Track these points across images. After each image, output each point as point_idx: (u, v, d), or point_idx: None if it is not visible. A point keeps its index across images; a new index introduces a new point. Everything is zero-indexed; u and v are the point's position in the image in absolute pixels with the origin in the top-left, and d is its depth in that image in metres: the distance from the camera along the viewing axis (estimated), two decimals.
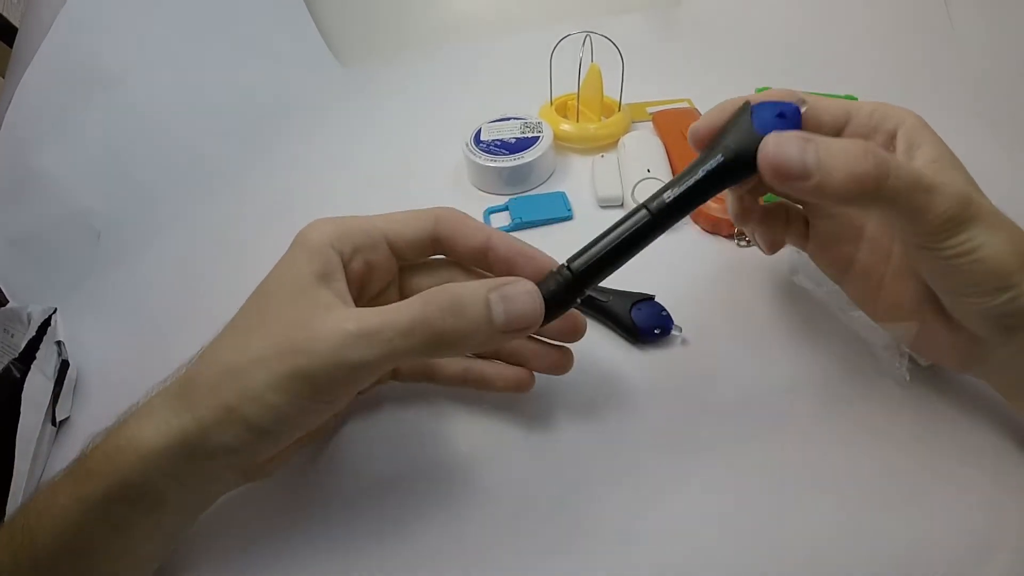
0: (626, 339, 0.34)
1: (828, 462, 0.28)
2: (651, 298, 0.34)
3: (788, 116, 0.24)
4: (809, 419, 0.30)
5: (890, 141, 0.26)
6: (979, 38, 0.56)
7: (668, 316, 0.33)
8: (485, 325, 0.23)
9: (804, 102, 0.26)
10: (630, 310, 0.33)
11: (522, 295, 0.23)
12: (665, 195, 0.25)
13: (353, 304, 0.24)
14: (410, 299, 0.23)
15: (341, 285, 0.25)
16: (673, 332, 0.33)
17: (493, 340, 0.23)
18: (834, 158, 0.22)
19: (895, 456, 0.28)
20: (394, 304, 0.23)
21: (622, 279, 0.35)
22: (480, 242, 0.27)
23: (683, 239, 0.40)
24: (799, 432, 0.29)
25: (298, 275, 0.24)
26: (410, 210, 0.27)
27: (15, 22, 0.67)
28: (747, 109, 0.25)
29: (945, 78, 0.54)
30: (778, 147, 0.23)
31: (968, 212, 0.23)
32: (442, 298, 0.23)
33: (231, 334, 0.25)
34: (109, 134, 0.48)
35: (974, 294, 0.24)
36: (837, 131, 0.27)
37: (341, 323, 0.22)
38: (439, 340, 0.23)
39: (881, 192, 0.22)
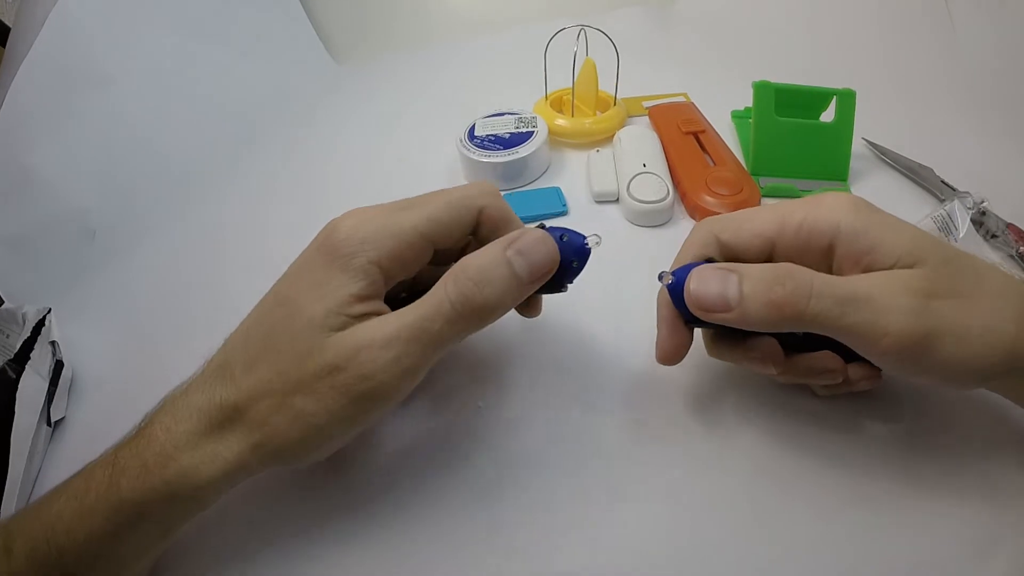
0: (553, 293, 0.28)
1: (825, 461, 0.28)
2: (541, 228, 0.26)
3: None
4: (802, 416, 0.29)
5: (826, 256, 0.25)
6: (979, 31, 0.55)
7: (570, 241, 0.26)
8: (514, 283, 0.24)
9: (665, 275, 0.25)
10: None
11: (535, 243, 0.24)
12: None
13: (388, 309, 0.24)
14: (438, 287, 0.23)
15: (380, 301, 0.24)
16: (588, 244, 0.26)
17: (523, 294, 0.25)
18: (752, 288, 0.23)
19: (892, 458, 0.28)
20: (427, 297, 0.23)
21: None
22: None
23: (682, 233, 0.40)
24: (787, 428, 0.29)
25: (339, 298, 0.23)
26: (452, 201, 0.25)
27: (8, 22, 0.67)
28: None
29: (943, 72, 0.53)
30: (700, 283, 0.24)
31: (928, 324, 0.21)
32: (468, 274, 0.23)
33: (271, 357, 0.23)
34: (102, 133, 0.48)
35: (951, 387, 0.24)
36: (766, 254, 0.26)
37: (391, 336, 0.22)
38: (480, 314, 0.23)
39: (805, 315, 0.22)
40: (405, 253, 0.24)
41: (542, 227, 0.27)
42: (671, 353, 0.26)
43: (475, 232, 0.27)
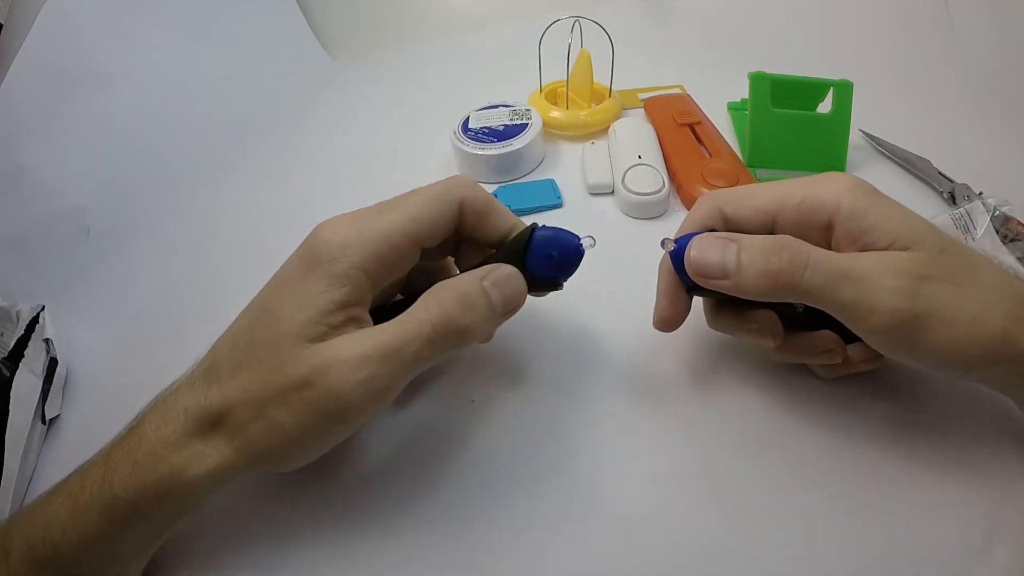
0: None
1: (824, 456, 0.28)
2: (533, 229, 0.26)
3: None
4: (802, 410, 0.29)
5: (825, 233, 0.25)
6: (976, 23, 0.55)
7: (566, 242, 0.26)
8: (491, 313, 0.24)
9: (668, 242, 0.26)
10: (523, 261, 0.26)
11: (507, 278, 0.25)
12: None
13: (370, 319, 0.24)
14: (418, 306, 0.24)
15: (364, 308, 0.24)
16: (584, 246, 0.27)
17: (496, 325, 0.26)
18: (750, 257, 0.23)
19: (891, 452, 0.27)
20: (404, 317, 0.23)
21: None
22: (502, 234, 0.27)
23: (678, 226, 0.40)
24: (789, 418, 0.29)
25: (320, 306, 0.23)
26: (431, 196, 0.25)
27: (1, 19, 0.67)
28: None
29: (940, 63, 0.53)
30: (700, 251, 0.24)
31: (918, 306, 0.22)
32: (450, 296, 0.24)
33: (253, 365, 0.23)
34: (97, 131, 0.48)
35: (940, 373, 0.24)
36: (767, 228, 0.26)
37: (364, 355, 0.22)
38: (460, 337, 0.24)
39: (799, 287, 0.22)
40: (390, 255, 0.24)
41: (535, 226, 0.27)
42: (669, 320, 0.27)
43: (460, 226, 0.27)
